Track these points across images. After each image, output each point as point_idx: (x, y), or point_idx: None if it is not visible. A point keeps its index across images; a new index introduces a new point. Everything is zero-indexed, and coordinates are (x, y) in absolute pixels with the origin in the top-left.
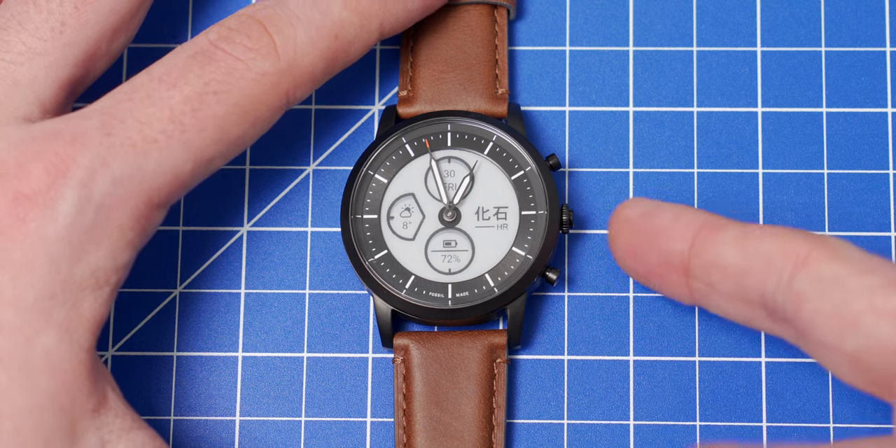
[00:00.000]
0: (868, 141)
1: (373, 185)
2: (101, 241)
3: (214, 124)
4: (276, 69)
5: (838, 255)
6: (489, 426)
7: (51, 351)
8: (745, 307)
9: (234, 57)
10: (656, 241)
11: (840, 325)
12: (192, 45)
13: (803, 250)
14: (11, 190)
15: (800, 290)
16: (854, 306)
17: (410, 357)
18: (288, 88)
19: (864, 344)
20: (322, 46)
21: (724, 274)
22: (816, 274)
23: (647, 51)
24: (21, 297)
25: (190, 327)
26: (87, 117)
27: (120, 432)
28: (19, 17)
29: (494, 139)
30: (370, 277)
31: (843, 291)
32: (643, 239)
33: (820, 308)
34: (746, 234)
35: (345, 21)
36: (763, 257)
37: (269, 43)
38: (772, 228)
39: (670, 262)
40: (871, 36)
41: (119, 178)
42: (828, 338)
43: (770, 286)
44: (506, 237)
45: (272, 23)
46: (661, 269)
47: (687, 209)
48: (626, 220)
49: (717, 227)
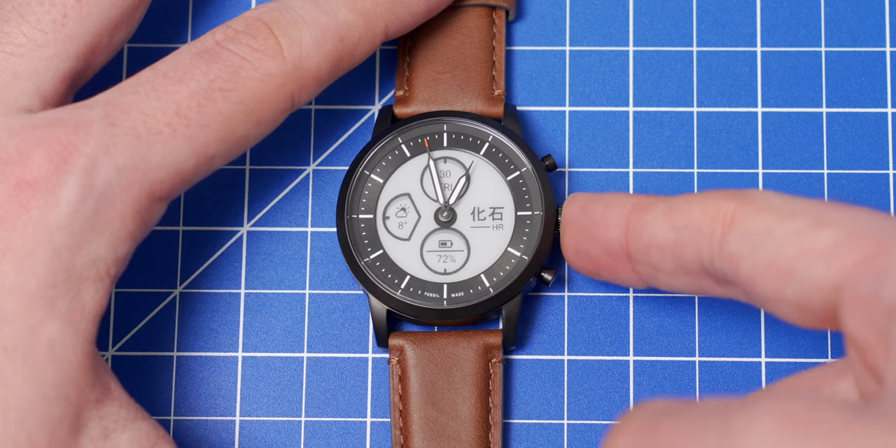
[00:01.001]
0: (868, 141)
1: (368, 185)
2: (102, 231)
3: (219, 121)
4: (282, 71)
5: (763, 207)
6: (486, 426)
7: (55, 341)
8: (690, 279)
9: (240, 56)
10: (594, 233)
11: (777, 276)
12: (198, 43)
13: (729, 210)
14: (13, 177)
15: (732, 250)
16: (785, 254)
17: (406, 357)
18: (293, 90)
19: (802, 287)
20: (327, 49)
21: (661, 252)
22: (744, 230)
23: (647, 51)
24: (24, 285)
25: (190, 327)
26: (90, 107)
27: (124, 422)
28: (21, 8)
29: (490, 140)
30: (366, 277)
31: (772, 242)
32: (583, 234)
33: (755, 263)
34: (672, 206)
35: (350, 23)
36: (692, 226)
37: (275, 45)
38: (696, 195)
39: (612, 252)
40: (871, 36)
41: (122, 168)
42: (769, 291)
43: (706, 253)
44: (501, 238)
45: (278, 25)
46: (606, 260)
47: (618, 196)
48: (568, 219)
49: (644, 207)
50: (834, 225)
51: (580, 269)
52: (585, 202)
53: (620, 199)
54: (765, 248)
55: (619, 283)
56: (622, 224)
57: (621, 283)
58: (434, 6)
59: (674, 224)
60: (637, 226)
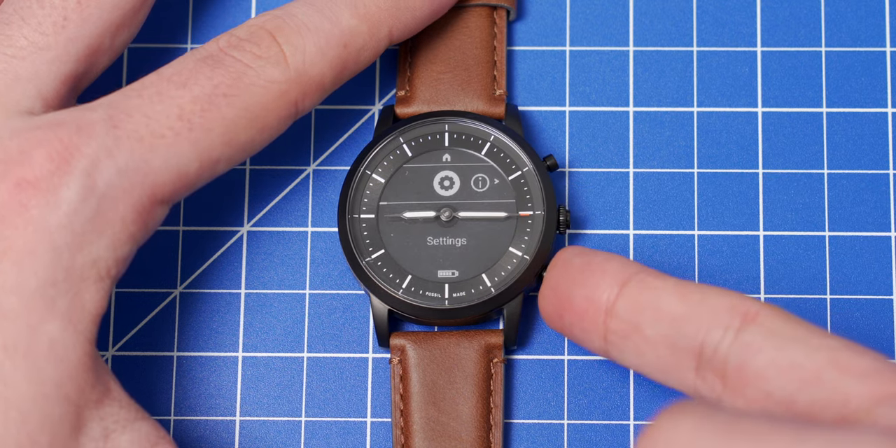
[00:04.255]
0: (868, 141)
1: (370, 185)
2: (103, 232)
3: (223, 126)
4: (285, 78)
5: (790, 318)
6: (487, 426)
7: (55, 340)
8: (669, 354)
9: (243, 63)
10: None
11: (797, 379)
12: (201, 50)
13: (753, 308)
14: (14, 176)
15: (750, 341)
16: (815, 361)
17: (407, 357)
18: (297, 97)
19: (825, 397)
20: (331, 55)
21: (657, 316)
22: (770, 329)
23: (647, 51)
24: (24, 283)
25: (190, 327)
26: (93, 109)
27: (124, 423)
28: (22, 11)
29: (492, 139)
30: (367, 277)
31: (801, 347)
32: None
33: (775, 360)
34: (687, 285)
35: (353, 29)
36: (708, 307)
37: (279, 52)
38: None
39: (594, 297)
40: (871, 36)
41: (124, 170)
42: (779, 390)
43: (714, 335)
44: (503, 237)
45: (281, 32)
46: (581, 304)
47: (621, 256)
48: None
49: (656, 274)
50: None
51: (546, 308)
52: (585, 251)
53: (624, 259)
54: (791, 350)
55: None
56: (622, 278)
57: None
58: (438, 9)
59: (685, 298)
60: (642, 284)
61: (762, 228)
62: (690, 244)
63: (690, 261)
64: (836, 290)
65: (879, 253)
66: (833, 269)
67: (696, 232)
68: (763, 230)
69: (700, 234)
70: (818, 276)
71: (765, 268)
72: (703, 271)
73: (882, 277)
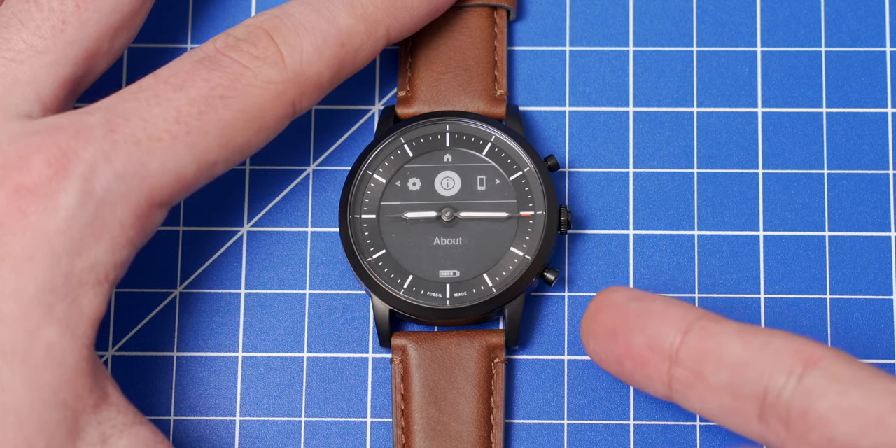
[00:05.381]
0: (868, 141)
1: (371, 185)
2: (101, 236)
3: (220, 128)
4: (283, 78)
5: (852, 361)
6: (488, 426)
7: (53, 345)
8: (732, 401)
9: (240, 64)
10: (646, 322)
11: (861, 423)
12: (198, 51)
13: (816, 352)
14: (12, 182)
15: (813, 386)
16: (879, 405)
17: (408, 357)
18: (294, 97)
19: (888, 442)
20: (328, 55)
21: (720, 364)
22: (833, 373)
23: (647, 51)
24: (23, 289)
25: (190, 327)
26: (90, 113)
27: (122, 428)
28: (20, 15)
29: (493, 139)
30: (368, 277)
31: (864, 391)
32: (629, 320)
33: (838, 405)
34: (749, 329)
35: (351, 29)
36: (771, 352)
37: (276, 52)
38: (774, 330)
39: (656, 345)
40: (871, 36)
41: (121, 174)
42: (843, 434)
43: (778, 380)
44: (504, 237)
45: (278, 32)
46: (643, 354)
47: (680, 301)
48: (612, 302)
49: (717, 319)
50: None
51: (601, 350)
52: (639, 293)
53: (684, 304)
54: (854, 394)
55: (636, 380)
56: (684, 326)
57: (640, 380)
58: (435, 9)
59: (748, 344)
60: (704, 331)
61: (762, 228)
62: (690, 244)
63: (690, 261)
64: (836, 290)
65: (879, 253)
66: (833, 269)
67: (696, 232)
68: (763, 230)
69: (700, 234)
70: (818, 276)
71: (765, 268)
72: (703, 271)
73: (882, 277)
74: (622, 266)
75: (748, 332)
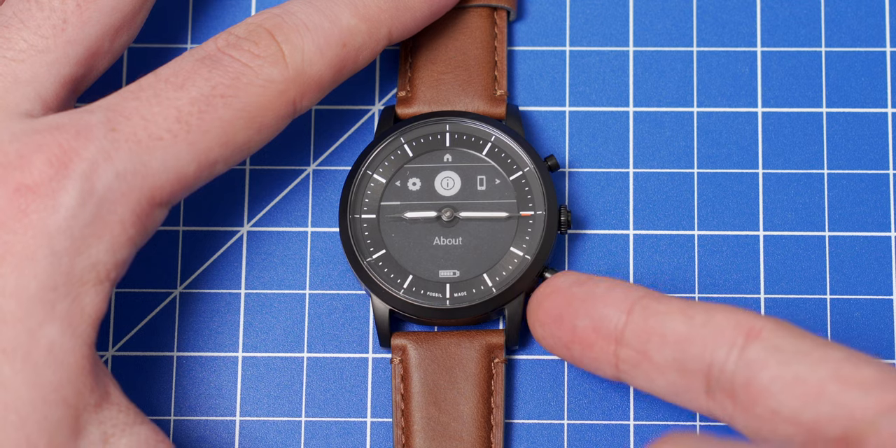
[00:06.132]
0: (868, 141)
1: (371, 185)
2: (102, 235)
3: (220, 127)
4: (284, 77)
5: (793, 331)
6: (488, 426)
7: (54, 344)
8: (679, 377)
9: (241, 63)
10: (590, 305)
11: (801, 394)
12: (199, 50)
13: (756, 324)
14: (13, 181)
15: (755, 358)
16: (818, 374)
17: (408, 357)
18: (295, 97)
19: (829, 412)
20: (330, 55)
21: (663, 342)
22: (774, 344)
23: (647, 51)
24: (24, 288)
25: (190, 327)
26: (91, 112)
27: (123, 427)
28: (21, 14)
29: (493, 140)
30: (368, 277)
31: (804, 361)
32: (573, 305)
33: (780, 375)
34: (691, 305)
35: (353, 29)
36: (712, 327)
37: (277, 51)
38: (716, 304)
39: (602, 329)
40: (871, 36)
41: (122, 173)
42: (785, 405)
43: (720, 354)
44: (504, 237)
45: (280, 31)
46: (589, 336)
47: (622, 281)
48: (556, 288)
49: (659, 298)
50: (871, 364)
51: (548, 337)
52: (583, 278)
53: (627, 285)
54: (794, 364)
55: (585, 363)
56: (626, 305)
57: (588, 363)
58: (437, 10)
59: (690, 319)
60: (646, 310)
61: (762, 228)
62: (690, 244)
63: (690, 261)
64: (836, 290)
65: (879, 253)
66: (833, 269)
67: (696, 232)
68: (763, 230)
69: (700, 234)
70: (818, 276)
71: (765, 268)
72: (703, 271)
73: (882, 277)
74: (622, 266)
75: (691, 308)
